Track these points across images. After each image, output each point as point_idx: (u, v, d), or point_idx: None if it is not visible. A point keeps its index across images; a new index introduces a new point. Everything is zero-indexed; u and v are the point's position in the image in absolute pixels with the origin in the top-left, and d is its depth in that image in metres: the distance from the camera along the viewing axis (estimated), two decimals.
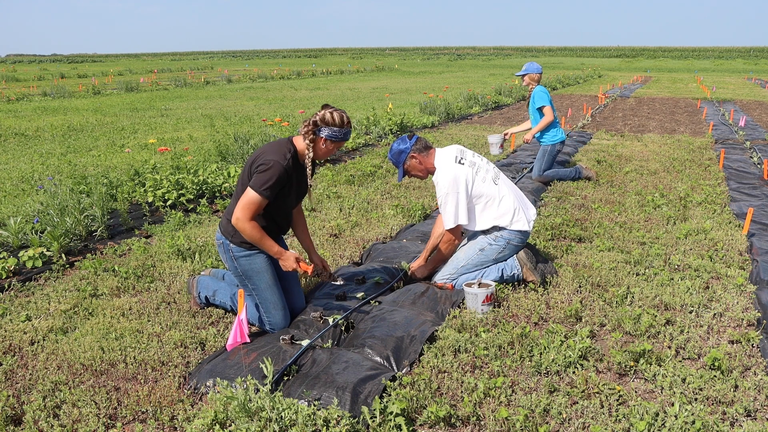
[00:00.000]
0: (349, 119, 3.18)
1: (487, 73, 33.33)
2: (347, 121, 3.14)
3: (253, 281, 3.20)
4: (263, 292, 3.20)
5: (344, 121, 3.12)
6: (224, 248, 3.19)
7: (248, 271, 3.18)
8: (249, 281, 3.20)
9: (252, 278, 3.19)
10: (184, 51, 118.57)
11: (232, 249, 3.16)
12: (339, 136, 3.12)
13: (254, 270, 3.18)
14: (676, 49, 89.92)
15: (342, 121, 3.11)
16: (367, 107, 14.26)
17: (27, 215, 5.13)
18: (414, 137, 3.73)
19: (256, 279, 3.19)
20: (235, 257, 3.17)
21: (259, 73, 31.69)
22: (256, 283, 3.19)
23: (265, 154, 3.07)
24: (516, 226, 3.75)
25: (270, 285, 3.20)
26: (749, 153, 8.79)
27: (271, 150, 3.09)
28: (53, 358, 2.97)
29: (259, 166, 3.02)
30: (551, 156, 6.67)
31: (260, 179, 2.99)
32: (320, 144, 3.13)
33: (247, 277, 3.20)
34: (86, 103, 16.70)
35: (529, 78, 6.69)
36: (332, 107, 3.13)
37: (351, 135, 3.32)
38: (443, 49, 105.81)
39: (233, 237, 3.14)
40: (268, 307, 3.21)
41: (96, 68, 45.68)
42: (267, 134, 7.52)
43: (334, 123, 3.09)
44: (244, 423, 2.33)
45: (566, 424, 2.46)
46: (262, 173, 3.00)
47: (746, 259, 4.32)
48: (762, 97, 19.02)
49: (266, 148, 3.15)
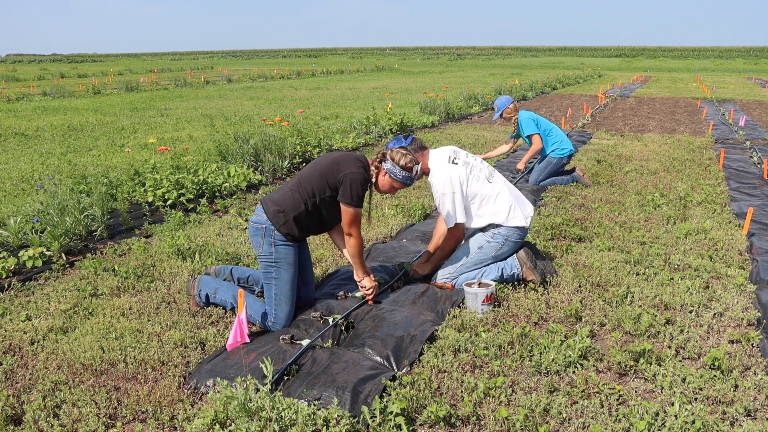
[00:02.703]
0: (414, 168, 3.36)
1: (487, 73, 33.33)
2: (409, 167, 3.33)
3: (280, 271, 3.27)
4: (284, 284, 3.27)
5: (407, 165, 3.32)
6: (267, 232, 3.26)
7: (281, 260, 3.26)
8: (276, 270, 3.27)
9: (281, 268, 3.27)
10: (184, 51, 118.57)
11: (275, 235, 3.24)
12: (399, 176, 3.33)
13: (287, 261, 3.27)
14: (676, 49, 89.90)
15: (405, 165, 3.32)
16: (367, 107, 14.26)
17: (27, 215, 5.13)
18: (409, 137, 3.74)
19: (284, 270, 3.27)
20: (275, 243, 3.25)
21: (259, 72, 31.69)
22: (282, 273, 3.27)
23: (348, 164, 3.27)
24: (513, 222, 3.75)
25: (292, 279, 3.30)
26: (749, 153, 8.79)
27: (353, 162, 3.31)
28: (53, 358, 2.97)
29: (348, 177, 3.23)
30: (555, 168, 6.58)
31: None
32: (381, 174, 3.36)
33: (277, 266, 3.27)
34: (86, 103, 16.71)
35: (506, 113, 6.63)
36: (406, 151, 3.38)
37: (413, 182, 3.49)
38: (443, 48, 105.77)
39: (281, 226, 3.23)
40: (281, 300, 3.26)
41: (96, 68, 45.68)
42: (267, 134, 7.51)
43: (398, 162, 3.31)
44: (244, 423, 2.33)
45: (566, 423, 2.46)
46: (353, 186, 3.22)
47: (746, 258, 4.32)
48: (762, 96, 19.01)
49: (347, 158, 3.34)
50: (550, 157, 6.57)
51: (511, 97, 6.80)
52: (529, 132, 6.55)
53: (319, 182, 3.23)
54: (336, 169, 3.21)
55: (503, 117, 6.67)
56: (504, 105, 6.60)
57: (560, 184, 6.58)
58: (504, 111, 6.61)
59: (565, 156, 6.57)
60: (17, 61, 73.38)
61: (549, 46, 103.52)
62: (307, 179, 3.27)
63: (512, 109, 6.60)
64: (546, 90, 20.96)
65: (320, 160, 3.35)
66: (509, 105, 6.58)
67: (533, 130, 6.52)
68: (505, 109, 6.60)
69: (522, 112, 6.62)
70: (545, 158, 6.61)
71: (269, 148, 7.31)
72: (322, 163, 3.29)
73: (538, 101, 17.26)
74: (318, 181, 3.23)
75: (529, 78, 25.45)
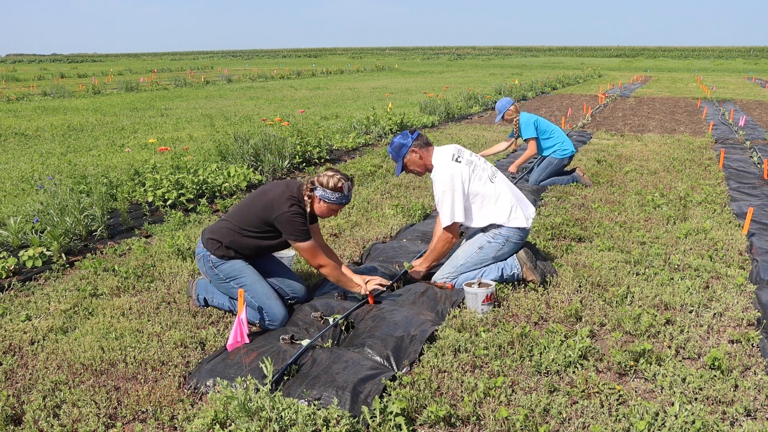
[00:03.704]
0: (344, 186, 3.29)
1: (487, 73, 33.34)
2: (339, 186, 3.27)
3: (238, 280, 3.33)
4: (253, 286, 3.31)
5: (336, 186, 3.27)
6: (205, 259, 3.37)
7: (230, 273, 3.35)
8: (235, 281, 3.34)
9: (237, 278, 3.34)
10: (184, 51, 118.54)
11: (212, 259, 3.36)
12: (332, 198, 3.28)
13: (236, 270, 3.35)
14: (676, 49, 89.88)
15: (335, 186, 3.26)
16: (367, 107, 14.26)
17: (27, 215, 5.13)
18: (415, 133, 3.75)
19: (241, 278, 3.34)
20: (215, 265, 3.36)
21: (259, 72, 31.69)
22: (243, 280, 3.33)
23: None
24: (514, 223, 3.75)
25: (257, 279, 3.36)
26: (749, 153, 8.79)
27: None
28: (53, 358, 2.97)
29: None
30: (555, 169, 6.59)
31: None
32: (316, 202, 3.33)
33: (233, 279, 3.34)
34: (86, 103, 16.70)
35: (507, 114, 6.65)
36: (333, 171, 3.33)
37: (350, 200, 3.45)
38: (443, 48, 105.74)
39: (216, 250, 3.35)
40: (263, 299, 3.29)
41: (96, 68, 45.68)
42: (267, 134, 7.52)
43: (327, 185, 3.26)
44: (244, 423, 2.33)
45: (566, 423, 2.46)
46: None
47: (746, 258, 4.32)
48: (762, 96, 19.01)
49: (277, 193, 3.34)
50: (551, 157, 6.58)
51: (512, 99, 6.82)
52: (526, 136, 6.60)
53: (254, 220, 3.31)
54: (270, 210, 3.26)
55: (505, 119, 6.70)
56: (505, 107, 6.63)
57: (560, 184, 6.59)
58: (505, 113, 6.64)
59: (566, 157, 6.58)
60: (17, 61, 73.38)
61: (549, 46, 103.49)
62: (240, 214, 3.36)
63: (513, 110, 6.63)
64: (546, 90, 20.96)
65: (256, 198, 3.38)
66: (510, 107, 6.61)
67: (530, 135, 6.56)
68: (506, 111, 6.63)
69: (523, 114, 6.64)
70: (546, 159, 6.62)
71: (269, 148, 7.31)
72: (257, 203, 3.33)
73: (538, 101, 17.26)
74: (253, 219, 3.31)
75: (529, 78, 25.46)
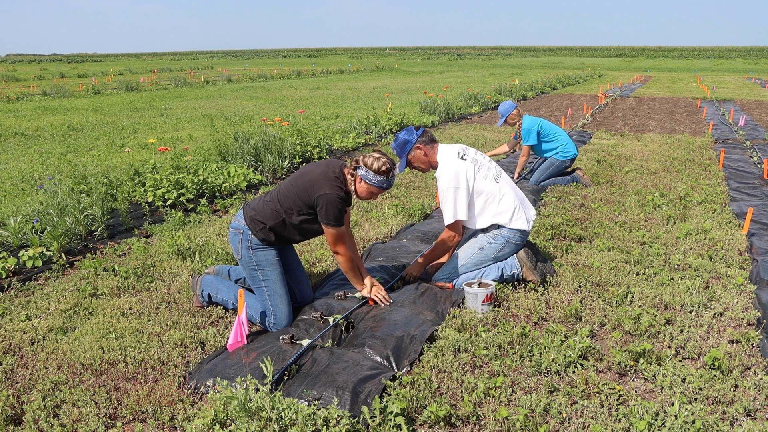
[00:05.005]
0: (388, 170, 3.24)
1: (487, 73, 33.33)
2: (383, 170, 3.23)
3: (266, 273, 3.29)
4: (274, 284, 3.28)
5: (380, 169, 3.22)
6: (243, 237, 3.28)
7: (263, 262, 3.29)
8: (261, 272, 3.29)
9: (265, 269, 3.29)
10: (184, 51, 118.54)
11: (252, 239, 3.28)
12: (373, 181, 3.23)
13: (269, 261, 3.30)
14: (676, 49, 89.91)
15: (379, 169, 3.22)
16: (367, 107, 14.26)
17: (27, 215, 5.13)
18: (421, 129, 3.74)
19: (269, 271, 3.29)
20: (252, 247, 3.28)
21: (259, 72, 31.69)
22: (269, 274, 3.29)
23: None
24: (515, 224, 3.75)
25: (280, 278, 3.32)
26: (749, 152, 8.79)
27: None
28: (53, 358, 2.97)
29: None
30: (557, 170, 6.61)
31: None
32: (357, 182, 3.27)
33: (261, 268, 3.29)
34: (86, 103, 16.70)
35: (510, 118, 6.65)
36: (380, 153, 3.27)
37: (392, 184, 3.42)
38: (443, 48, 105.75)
39: (258, 232, 3.26)
40: (276, 300, 3.27)
41: (96, 68, 45.69)
42: (267, 134, 7.52)
43: (371, 167, 3.22)
44: (244, 423, 2.33)
45: (566, 423, 2.46)
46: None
47: (746, 258, 4.32)
48: (762, 96, 19.01)
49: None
50: (553, 158, 6.60)
51: (515, 103, 6.83)
52: (525, 142, 6.63)
53: (296, 201, 3.25)
54: (311, 190, 3.20)
55: (507, 123, 6.71)
56: (508, 111, 6.64)
57: (560, 184, 6.60)
58: (508, 117, 6.65)
59: (568, 159, 6.60)
60: (17, 61, 73.39)
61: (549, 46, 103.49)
62: (284, 195, 3.28)
63: (516, 114, 6.64)
64: (546, 90, 20.97)
65: (297, 178, 3.31)
66: (512, 111, 6.62)
67: (528, 142, 6.59)
68: (509, 115, 6.63)
69: (526, 118, 6.63)
70: (548, 160, 6.64)
71: (269, 148, 7.31)
72: (298, 184, 3.27)
73: (538, 101, 17.26)
74: (294, 199, 3.25)
75: (529, 78, 25.46)
